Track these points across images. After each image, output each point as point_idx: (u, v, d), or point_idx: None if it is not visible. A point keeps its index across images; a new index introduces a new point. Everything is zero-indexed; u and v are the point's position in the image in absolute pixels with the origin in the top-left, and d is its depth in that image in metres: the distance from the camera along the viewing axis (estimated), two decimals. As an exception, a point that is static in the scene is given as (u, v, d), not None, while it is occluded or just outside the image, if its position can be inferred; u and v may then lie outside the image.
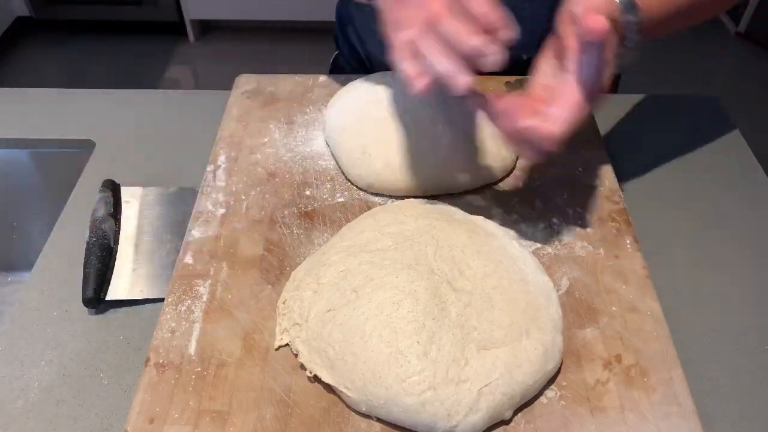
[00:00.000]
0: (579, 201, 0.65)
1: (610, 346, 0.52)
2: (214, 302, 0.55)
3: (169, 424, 0.47)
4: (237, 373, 0.50)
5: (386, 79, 0.71)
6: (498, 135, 0.66)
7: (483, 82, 0.78)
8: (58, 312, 0.60)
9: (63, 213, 0.70)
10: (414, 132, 0.65)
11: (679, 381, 0.50)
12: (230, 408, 0.48)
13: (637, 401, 0.49)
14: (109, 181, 0.70)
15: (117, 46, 2.76)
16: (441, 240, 0.55)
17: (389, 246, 0.54)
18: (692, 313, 0.60)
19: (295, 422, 0.47)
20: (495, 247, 0.55)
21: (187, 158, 0.76)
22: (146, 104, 0.85)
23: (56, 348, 0.57)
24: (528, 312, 0.50)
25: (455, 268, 0.53)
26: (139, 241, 0.66)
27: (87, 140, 0.80)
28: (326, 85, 0.79)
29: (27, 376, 0.55)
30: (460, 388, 0.46)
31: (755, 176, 0.75)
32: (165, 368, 0.51)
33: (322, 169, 0.69)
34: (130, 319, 0.60)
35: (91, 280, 0.60)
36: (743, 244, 0.67)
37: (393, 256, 0.53)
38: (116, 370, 0.56)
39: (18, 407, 0.53)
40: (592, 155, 0.70)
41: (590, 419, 0.48)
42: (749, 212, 0.71)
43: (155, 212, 0.69)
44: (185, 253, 0.60)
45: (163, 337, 0.53)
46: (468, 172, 0.65)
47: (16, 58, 2.69)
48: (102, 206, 0.66)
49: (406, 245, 0.54)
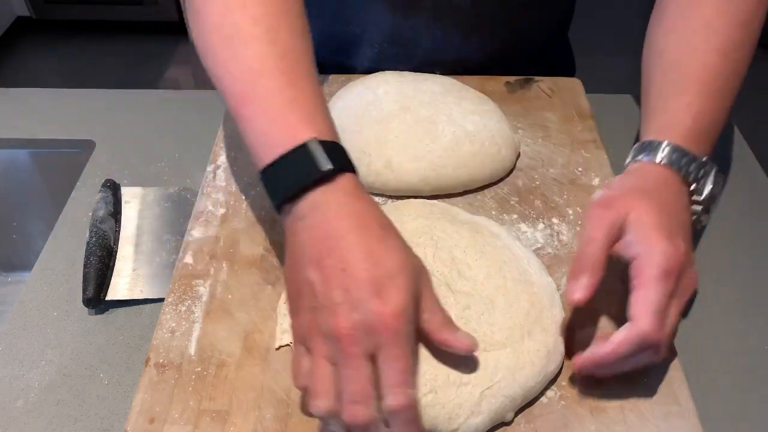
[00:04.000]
0: (579, 201, 0.65)
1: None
2: (214, 302, 0.55)
3: (169, 424, 0.47)
4: (237, 373, 0.50)
5: (386, 78, 0.71)
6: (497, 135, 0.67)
7: (483, 83, 0.78)
8: (58, 312, 0.60)
9: (63, 213, 0.70)
10: (414, 132, 0.65)
11: (679, 381, 0.50)
12: (230, 408, 0.48)
13: (637, 401, 0.49)
14: (109, 181, 0.70)
15: (117, 46, 2.76)
16: (440, 241, 0.54)
17: None
18: (692, 313, 0.60)
19: (295, 422, 0.47)
20: (499, 247, 0.55)
21: (187, 158, 0.76)
22: (146, 104, 0.85)
23: (56, 348, 0.57)
24: (532, 313, 0.50)
25: (454, 270, 0.52)
26: (139, 241, 0.66)
27: (87, 140, 0.80)
28: (326, 85, 0.79)
29: (27, 376, 0.55)
30: (462, 390, 0.46)
31: (755, 176, 0.75)
32: (165, 368, 0.51)
33: (322, 169, 0.69)
34: (130, 319, 0.60)
35: (91, 280, 0.60)
36: (743, 244, 0.67)
37: None
38: (116, 370, 0.56)
39: (18, 407, 0.53)
40: (592, 155, 0.70)
41: (590, 419, 0.48)
42: (749, 212, 0.71)
43: (155, 212, 0.69)
44: (185, 253, 0.60)
45: (163, 337, 0.53)
46: (468, 172, 0.65)
47: (16, 59, 2.69)
48: (102, 206, 0.66)
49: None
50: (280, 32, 0.52)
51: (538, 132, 0.73)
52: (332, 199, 0.45)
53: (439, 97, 0.69)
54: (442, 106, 0.67)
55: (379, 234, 0.44)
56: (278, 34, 0.52)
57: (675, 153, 0.52)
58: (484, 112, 0.68)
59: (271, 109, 0.49)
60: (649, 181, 0.52)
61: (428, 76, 0.73)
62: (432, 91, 0.69)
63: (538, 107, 0.76)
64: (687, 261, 0.48)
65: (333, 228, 0.44)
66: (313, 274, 0.43)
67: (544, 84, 0.80)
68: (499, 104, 0.73)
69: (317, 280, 0.43)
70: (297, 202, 0.46)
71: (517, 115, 0.75)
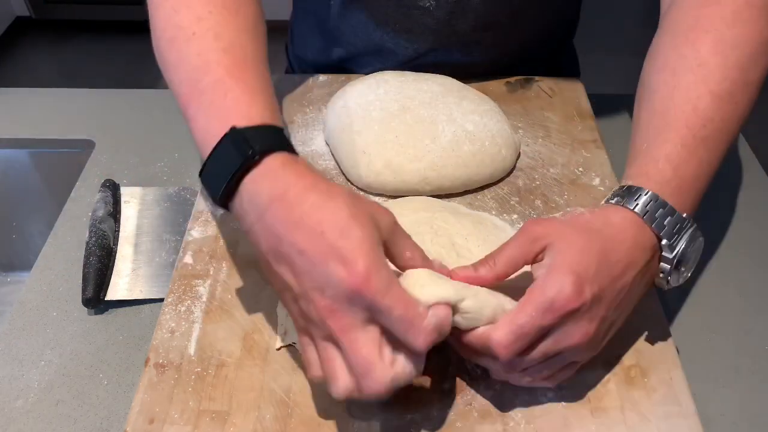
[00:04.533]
0: (579, 201, 0.65)
1: (611, 347, 0.52)
2: (213, 302, 0.55)
3: (168, 424, 0.47)
4: (237, 373, 0.50)
5: (386, 78, 0.71)
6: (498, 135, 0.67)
7: (483, 82, 0.78)
8: (58, 312, 0.60)
9: (63, 213, 0.70)
10: (414, 132, 0.65)
11: (680, 381, 0.50)
12: (230, 408, 0.48)
13: (638, 401, 0.49)
14: (109, 181, 0.70)
15: (117, 46, 2.76)
16: (441, 230, 0.55)
17: None
18: (692, 313, 0.60)
19: (295, 422, 0.47)
20: (502, 238, 0.55)
21: (187, 158, 0.76)
22: (146, 104, 0.85)
23: (56, 348, 0.57)
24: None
25: (452, 252, 0.52)
26: (139, 241, 0.66)
27: (87, 140, 0.80)
28: (326, 85, 0.79)
29: (27, 376, 0.55)
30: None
31: (755, 176, 0.75)
32: (165, 368, 0.50)
33: (322, 169, 0.69)
34: (129, 319, 0.60)
35: (90, 280, 0.60)
36: (743, 244, 0.67)
37: None
38: (116, 370, 0.55)
39: (18, 407, 0.53)
40: (593, 155, 0.70)
41: (590, 419, 0.48)
42: (749, 212, 0.71)
43: (155, 212, 0.69)
44: (185, 253, 0.60)
45: (163, 337, 0.53)
46: (468, 172, 0.65)
47: (16, 58, 2.69)
48: (102, 206, 0.66)
49: None
50: (227, 28, 0.51)
51: (539, 132, 0.73)
52: (262, 185, 0.43)
53: (439, 97, 0.69)
54: (442, 106, 0.67)
55: (316, 202, 0.41)
56: (224, 29, 0.51)
57: (651, 203, 0.47)
58: (485, 111, 0.68)
59: (209, 105, 0.48)
60: (605, 223, 0.47)
61: (428, 76, 0.73)
62: (432, 91, 0.69)
63: (539, 107, 0.76)
64: (583, 311, 0.43)
65: (272, 215, 0.42)
66: (278, 267, 0.43)
67: (545, 84, 0.79)
68: (500, 104, 0.73)
69: (283, 271, 0.42)
70: (235, 198, 0.45)
71: (517, 115, 0.75)
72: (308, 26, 0.87)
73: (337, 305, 0.40)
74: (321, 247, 0.40)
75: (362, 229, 0.40)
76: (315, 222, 0.40)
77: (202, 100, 0.49)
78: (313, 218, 0.41)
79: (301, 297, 0.41)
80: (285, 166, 0.44)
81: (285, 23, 0.97)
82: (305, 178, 0.43)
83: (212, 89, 0.48)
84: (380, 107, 0.67)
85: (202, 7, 0.52)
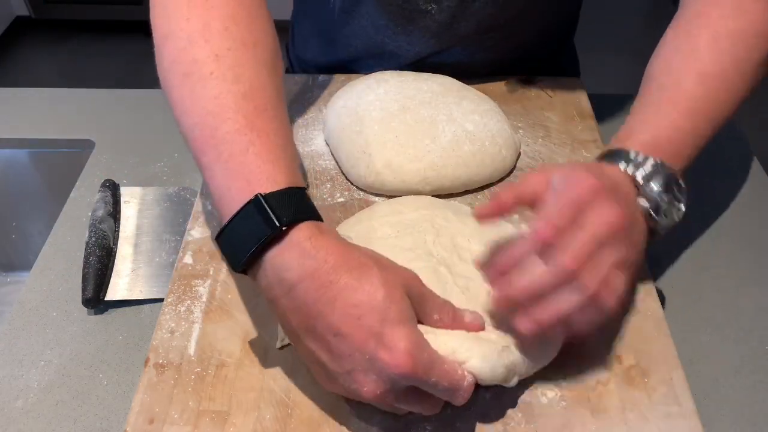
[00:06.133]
0: (579, 201, 0.64)
1: (611, 347, 0.52)
2: (213, 302, 0.55)
3: (168, 425, 0.47)
4: (237, 373, 0.50)
5: (386, 78, 0.71)
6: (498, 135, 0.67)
7: (483, 82, 0.78)
8: (58, 312, 0.60)
9: (62, 213, 0.70)
10: (414, 132, 0.65)
11: (680, 381, 0.50)
12: (230, 408, 0.48)
13: (638, 401, 0.48)
14: (109, 181, 0.70)
15: (117, 46, 2.76)
16: (442, 228, 0.55)
17: (390, 234, 0.55)
18: (692, 313, 0.60)
19: (295, 422, 0.47)
20: (506, 236, 0.55)
21: (186, 158, 0.76)
22: (146, 104, 0.85)
23: (56, 348, 0.57)
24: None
25: (454, 254, 0.53)
26: (139, 241, 0.66)
27: (87, 140, 0.79)
28: (326, 85, 0.79)
29: (26, 376, 0.55)
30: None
31: (755, 176, 0.75)
32: (164, 368, 0.50)
33: (322, 169, 0.69)
34: (129, 319, 0.60)
35: (90, 280, 0.60)
36: (743, 244, 0.67)
37: (393, 242, 0.54)
38: (116, 371, 0.55)
39: (17, 407, 0.53)
40: (593, 155, 0.70)
41: (591, 419, 0.48)
42: (749, 212, 0.71)
43: (155, 212, 0.69)
44: (185, 253, 0.60)
45: (163, 337, 0.53)
46: (468, 172, 0.65)
47: (16, 58, 2.69)
48: (101, 206, 0.66)
49: (406, 232, 0.55)
50: (246, 67, 0.49)
51: (539, 132, 0.73)
52: (290, 260, 0.42)
53: (439, 97, 0.69)
54: (442, 106, 0.67)
55: (349, 283, 0.41)
56: (243, 70, 0.49)
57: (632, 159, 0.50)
58: (485, 111, 0.68)
59: (228, 158, 0.46)
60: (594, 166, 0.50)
61: (428, 76, 0.73)
62: (432, 91, 0.69)
63: (539, 107, 0.76)
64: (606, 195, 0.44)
65: (303, 293, 0.42)
66: (310, 344, 0.43)
67: (545, 84, 0.79)
68: (500, 104, 0.72)
69: (316, 348, 0.43)
70: (257, 269, 0.44)
71: (517, 115, 0.75)
72: (309, 28, 0.87)
73: (382, 388, 0.41)
74: (360, 332, 0.40)
75: (398, 308, 0.41)
76: (351, 305, 0.41)
77: (221, 150, 0.46)
78: (349, 301, 0.41)
79: (341, 376, 0.42)
80: (312, 239, 0.43)
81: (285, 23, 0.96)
82: (334, 253, 0.42)
83: (231, 141, 0.46)
84: (380, 107, 0.67)
85: (220, 42, 0.49)
